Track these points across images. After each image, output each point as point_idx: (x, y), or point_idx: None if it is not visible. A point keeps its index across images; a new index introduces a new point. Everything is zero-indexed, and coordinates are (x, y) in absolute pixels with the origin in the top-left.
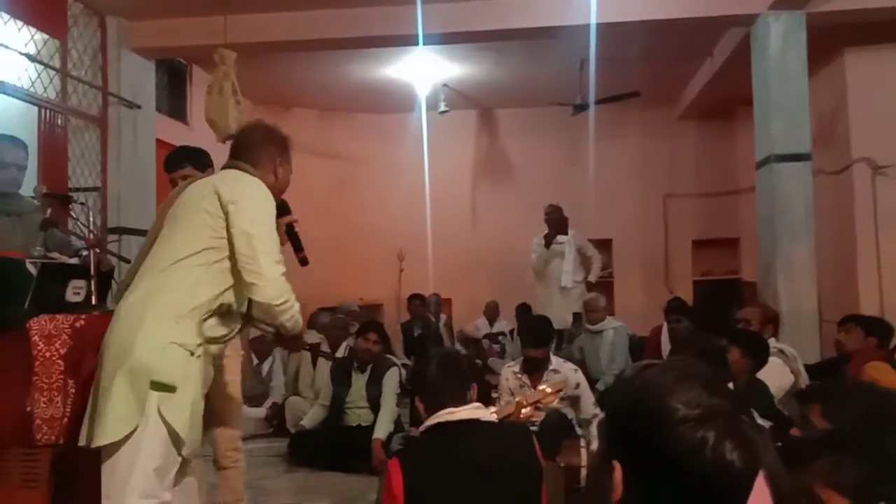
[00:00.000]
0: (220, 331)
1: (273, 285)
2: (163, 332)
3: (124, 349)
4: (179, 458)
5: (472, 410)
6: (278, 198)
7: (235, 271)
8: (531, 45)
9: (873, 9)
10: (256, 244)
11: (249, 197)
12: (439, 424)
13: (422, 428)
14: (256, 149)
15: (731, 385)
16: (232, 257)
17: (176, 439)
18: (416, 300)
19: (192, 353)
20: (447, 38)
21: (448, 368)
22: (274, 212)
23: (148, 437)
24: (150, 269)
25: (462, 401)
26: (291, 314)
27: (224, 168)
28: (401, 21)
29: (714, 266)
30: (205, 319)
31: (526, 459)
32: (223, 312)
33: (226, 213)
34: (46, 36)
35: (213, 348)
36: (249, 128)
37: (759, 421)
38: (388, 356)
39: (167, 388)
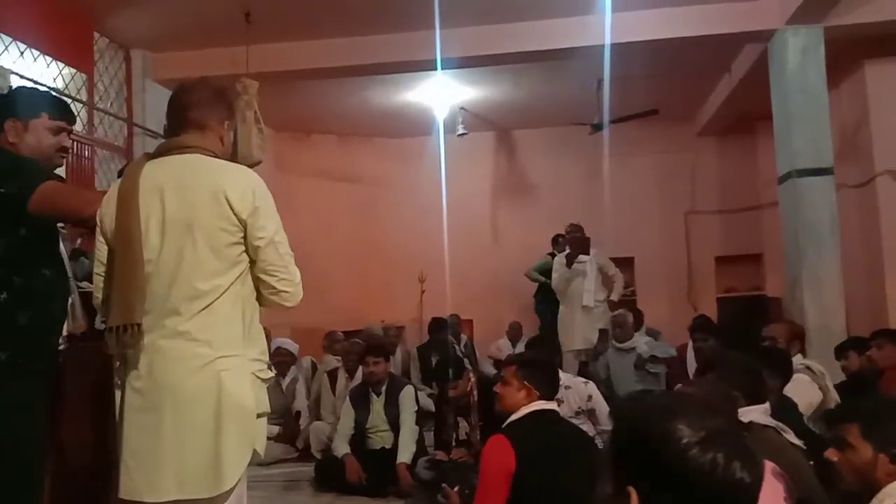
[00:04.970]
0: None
1: (300, 290)
2: (244, 366)
3: (217, 392)
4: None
5: (553, 403)
6: None
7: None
8: (548, 66)
9: (893, 21)
10: (283, 251)
11: (263, 197)
12: (536, 411)
13: (525, 411)
14: (207, 108)
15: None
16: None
17: (254, 455)
18: (436, 324)
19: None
20: (465, 62)
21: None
22: None
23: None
24: (189, 299)
25: (551, 397)
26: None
27: (173, 148)
28: (420, 47)
29: (738, 282)
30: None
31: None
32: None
33: (242, 222)
34: (74, 70)
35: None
36: (194, 85)
37: (794, 440)
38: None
39: (262, 415)
